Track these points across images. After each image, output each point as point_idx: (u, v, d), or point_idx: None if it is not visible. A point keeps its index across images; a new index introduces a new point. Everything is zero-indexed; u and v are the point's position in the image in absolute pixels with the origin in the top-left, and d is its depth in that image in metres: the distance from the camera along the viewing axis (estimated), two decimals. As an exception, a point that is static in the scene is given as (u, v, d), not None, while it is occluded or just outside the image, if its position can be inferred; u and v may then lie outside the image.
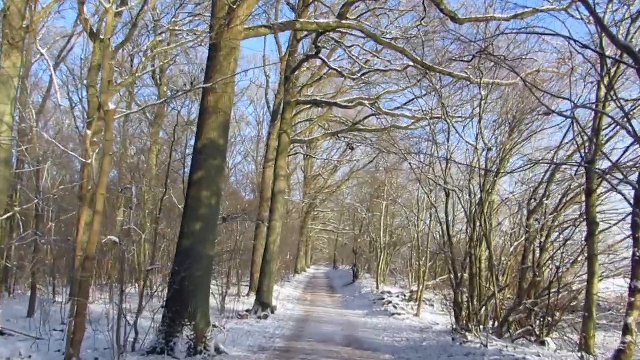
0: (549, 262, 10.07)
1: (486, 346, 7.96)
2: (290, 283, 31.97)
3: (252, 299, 18.90)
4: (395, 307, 18.81)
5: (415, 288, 21.32)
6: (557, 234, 11.08)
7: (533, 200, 12.24)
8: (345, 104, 19.42)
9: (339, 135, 25.33)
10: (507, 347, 7.66)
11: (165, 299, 9.26)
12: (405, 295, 21.49)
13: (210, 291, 17.58)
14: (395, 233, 29.37)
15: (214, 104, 9.55)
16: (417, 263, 21.41)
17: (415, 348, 10.67)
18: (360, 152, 38.28)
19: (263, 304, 17.78)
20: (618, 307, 12.41)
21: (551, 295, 8.75)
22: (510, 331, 9.57)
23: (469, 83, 15.86)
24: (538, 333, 9.01)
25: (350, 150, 19.86)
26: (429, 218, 18.28)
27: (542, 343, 8.23)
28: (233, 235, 21.48)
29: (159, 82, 27.92)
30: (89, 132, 8.38)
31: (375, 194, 29.31)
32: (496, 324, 10.16)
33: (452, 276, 13.54)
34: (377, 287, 25.35)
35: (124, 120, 30.44)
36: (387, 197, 25.64)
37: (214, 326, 13.77)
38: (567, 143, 11.95)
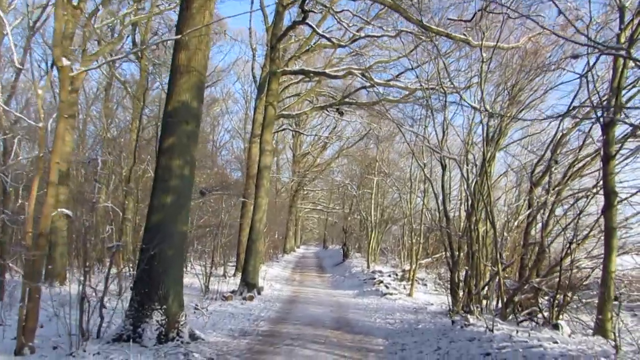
0: (558, 236, 9.22)
1: (492, 330, 7.11)
2: (278, 263, 31.21)
3: (238, 279, 18.04)
4: (387, 287, 18.03)
5: (407, 267, 20.55)
6: (566, 206, 10.22)
7: (537, 172, 11.40)
8: (335, 74, 18.33)
9: (328, 109, 24.29)
10: (516, 331, 6.79)
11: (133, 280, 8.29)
12: (397, 275, 20.73)
13: (195, 272, 16.82)
14: (386, 211, 28.54)
15: (186, 62, 8.47)
16: (410, 241, 20.61)
17: (410, 331, 9.84)
18: (351, 129, 37.44)
19: (249, 285, 16.94)
20: (621, 285, 11.69)
21: (562, 272, 7.91)
22: (515, 313, 8.76)
23: (466, 51, 14.89)
24: (546, 315, 8.20)
25: (340, 115, 18.74)
26: (423, 193, 17.40)
27: (555, 326, 7.41)
28: (218, 213, 20.56)
29: (139, 55, 26.45)
30: (40, 92, 7.27)
31: (366, 170, 28.38)
32: (499, 304, 9.36)
33: (449, 254, 12.72)
34: (368, 267, 24.59)
35: (105, 97, 29.18)
36: (378, 172, 24.70)
37: (196, 308, 12.92)
38: (573, 110, 11.03)
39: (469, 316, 8.38)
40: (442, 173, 12.84)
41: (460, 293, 12.22)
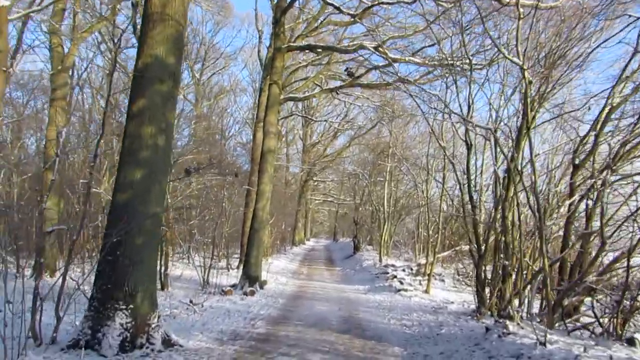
0: (621, 225, 7.52)
1: (544, 344, 5.53)
2: (286, 255, 29.79)
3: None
4: (401, 283, 16.45)
5: (422, 261, 18.94)
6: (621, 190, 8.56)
7: (580, 151, 9.73)
8: (345, 49, 16.71)
9: (338, 91, 22.65)
10: (583, 348, 5.11)
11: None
12: (411, 269, 19.12)
13: (195, 264, 15.38)
14: (399, 201, 26.87)
15: (160, 8, 6.93)
16: (426, 232, 18.97)
17: (432, 337, 8.26)
18: (362, 118, 35.74)
19: (250, 278, 15.53)
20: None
21: (631, 270, 6.27)
22: (564, 320, 7.09)
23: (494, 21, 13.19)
24: (604, 323, 6.57)
25: (350, 77, 16.55)
26: (442, 179, 15.70)
27: (630, 341, 5.78)
28: (218, 201, 19.10)
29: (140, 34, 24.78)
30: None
31: (378, 157, 26.69)
32: (543, 308, 7.72)
33: (474, 246, 11.11)
34: (380, 260, 23.01)
35: (108, 84, 27.79)
36: (392, 158, 22.96)
37: (189, 304, 11.51)
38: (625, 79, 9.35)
39: (507, 322, 6.78)
40: (466, 153, 11.21)
41: (487, 292, 10.64)
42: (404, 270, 18.91)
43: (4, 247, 6.50)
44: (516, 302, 7.85)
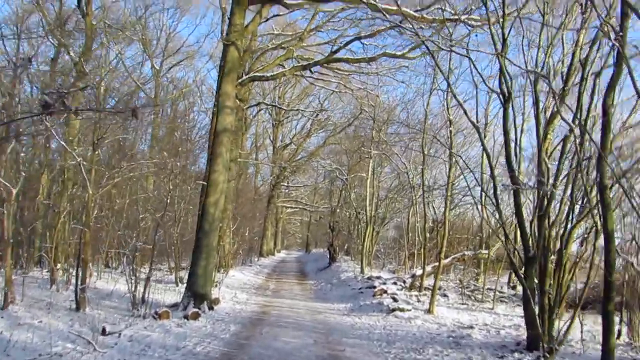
0: None
1: None
2: (251, 267, 25.74)
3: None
4: (394, 299, 12.65)
5: (418, 271, 15.20)
6: None
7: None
8: (323, -2, 13.05)
9: (312, 69, 18.98)
10: None
11: None
12: (404, 282, 15.34)
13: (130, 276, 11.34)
14: (382, 203, 23.15)
15: None
16: (422, 235, 15.22)
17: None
18: (339, 115, 32.18)
19: (196, 296, 11.68)
20: None
21: None
22: None
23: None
24: None
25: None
26: (449, 158, 11.97)
27: None
28: (168, 199, 15.02)
29: (85, 11, 20.82)
30: None
31: (358, 154, 22.98)
32: None
33: (515, 246, 7.47)
34: (362, 272, 19.19)
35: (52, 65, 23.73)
36: (379, 144, 19.20)
37: (102, 333, 7.62)
38: None
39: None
40: (504, 107, 7.60)
41: (536, 311, 6.99)
42: (394, 283, 15.09)
43: None
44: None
